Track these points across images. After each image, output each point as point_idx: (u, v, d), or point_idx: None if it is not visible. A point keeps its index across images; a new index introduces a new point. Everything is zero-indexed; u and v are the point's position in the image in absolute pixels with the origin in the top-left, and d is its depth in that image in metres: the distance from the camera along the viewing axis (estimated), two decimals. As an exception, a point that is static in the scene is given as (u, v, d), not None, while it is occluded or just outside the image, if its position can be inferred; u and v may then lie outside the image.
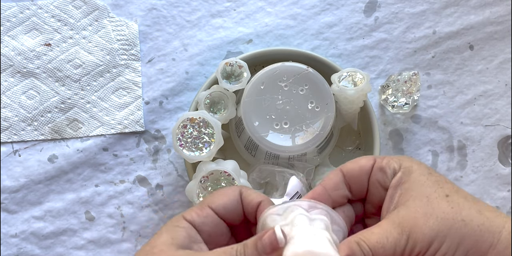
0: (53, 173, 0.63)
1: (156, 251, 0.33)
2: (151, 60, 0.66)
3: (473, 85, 0.66)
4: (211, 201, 0.36)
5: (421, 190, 0.33)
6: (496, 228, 0.32)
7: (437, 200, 0.33)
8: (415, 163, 0.35)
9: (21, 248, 0.62)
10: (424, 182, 0.34)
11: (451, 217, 0.32)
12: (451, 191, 0.34)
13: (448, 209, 0.32)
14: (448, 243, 0.32)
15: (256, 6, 0.67)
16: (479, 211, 0.33)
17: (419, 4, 0.67)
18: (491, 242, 0.32)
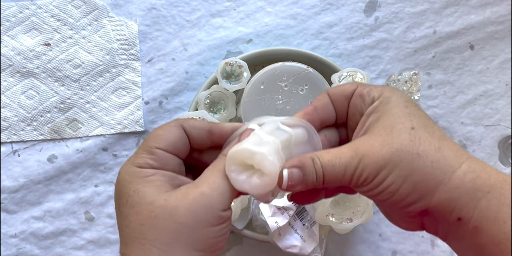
0: (52, 173, 0.63)
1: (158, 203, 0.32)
2: (150, 60, 0.65)
3: (473, 85, 0.66)
4: (157, 143, 0.34)
5: (389, 120, 0.33)
6: (450, 167, 0.31)
7: (400, 131, 0.32)
8: (396, 94, 0.35)
9: (20, 248, 0.62)
10: (396, 113, 0.33)
11: (406, 149, 0.32)
12: (419, 124, 0.33)
13: (407, 141, 0.32)
14: (396, 173, 0.32)
15: (256, 5, 0.66)
16: (439, 148, 0.32)
17: (420, 4, 0.67)
18: (441, 179, 0.31)
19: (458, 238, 0.32)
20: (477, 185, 0.30)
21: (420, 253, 0.64)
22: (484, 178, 0.31)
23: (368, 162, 0.32)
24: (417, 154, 0.32)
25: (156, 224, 0.31)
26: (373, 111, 0.34)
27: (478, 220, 0.30)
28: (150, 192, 0.32)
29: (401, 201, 0.32)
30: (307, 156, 0.34)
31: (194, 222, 0.31)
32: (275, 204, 0.53)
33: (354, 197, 0.54)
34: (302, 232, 0.55)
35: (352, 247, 0.64)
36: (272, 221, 0.53)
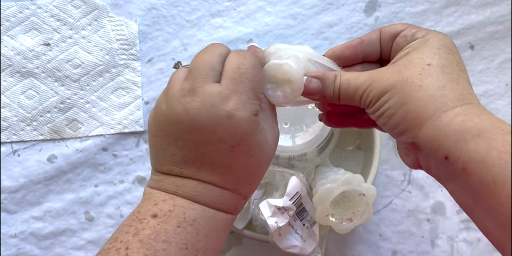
0: (52, 173, 0.63)
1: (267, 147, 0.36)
2: (150, 60, 0.65)
3: (473, 85, 0.66)
4: (260, 87, 0.36)
5: (414, 56, 0.34)
6: (443, 106, 0.32)
7: (416, 64, 0.34)
8: (438, 37, 0.35)
9: (20, 248, 0.62)
10: (424, 51, 0.34)
11: (411, 80, 0.33)
12: (437, 63, 0.34)
13: (415, 74, 0.33)
14: (394, 99, 0.33)
15: (256, 5, 0.66)
16: (443, 87, 0.32)
17: (420, 4, 0.67)
18: (430, 115, 0.32)
19: (449, 179, 0.32)
20: (466, 127, 0.30)
21: (420, 253, 0.64)
22: (475, 122, 0.31)
23: (376, 86, 0.34)
24: (419, 86, 0.32)
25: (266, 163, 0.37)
26: (408, 47, 0.36)
27: (466, 161, 0.30)
28: (266, 144, 0.36)
29: (394, 129, 0.34)
30: (331, 72, 0.37)
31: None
32: (275, 204, 0.53)
33: (354, 197, 0.54)
34: (302, 232, 0.55)
35: (352, 247, 0.64)
36: (272, 221, 0.53)
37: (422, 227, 0.64)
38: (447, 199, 0.64)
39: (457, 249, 0.64)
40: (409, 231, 0.64)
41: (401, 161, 0.39)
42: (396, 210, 0.64)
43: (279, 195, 0.55)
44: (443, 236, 0.64)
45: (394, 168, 0.64)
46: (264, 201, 0.54)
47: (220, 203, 0.34)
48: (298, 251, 0.55)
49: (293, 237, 0.55)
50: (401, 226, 0.64)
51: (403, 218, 0.64)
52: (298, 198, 0.54)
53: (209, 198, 0.34)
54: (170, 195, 0.34)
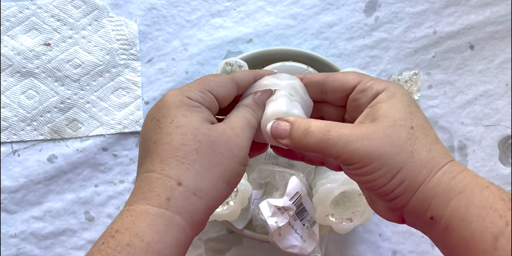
0: (52, 173, 0.63)
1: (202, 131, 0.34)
2: (150, 60, 0.65)
3: (473, 85, 0.66)
4: (211, 88, 0.37)
5: (392, 114, 0.35)
6: (433, 167, 0.34)
7: (400, 127, 0.35)
8: (401, 91, 0.37)
9: (20, 248, 0.62)
10: (399, 109, 0.36)
11: (403, 146, 0.34)
12: (417, 125, 0.35)
13: (404, 138, 0.34)
14: (389, 167, 0.34)
15: (256, 5, 0.66)
16: (429, 150, 0.34)
17: (420, 4, 0.67)
18: (425, 178, 0.33)
19: (433, 236, 0.34)
20: (451, 186, 0.32)
21: (420, 253, 0.64)
22: (458, 180, 0.32)
23: (363, 149, 0.34)
24: (411, 152, 0.34)
25: (198, 148, 0.34)
26: (379, 102, 0.36)
27: (448, 219, 0.32)
28: (196, 119, 0.35)
29: (387, 194, 0.34)
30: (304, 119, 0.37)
31: (230, 156, 0.35)
32: (275, 204, 0.53)
33: (354, 197, 0.54)
34: (302, 232, 0.55)
35: (352, 247, 0.64)
36: (272, 221, 0.53)
37: (422, 227, 0.64)
38: (447, 199, 0.65)
39: (457, 249, 0.64)
40: (409, 231, 0.64)
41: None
42: (396, 210, 0.64)
43: (279, 195, 0.55)
44: (443, 236, 0.64)
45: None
46: (264, 201, 0.54)
47: (153, 191, 0.33)
48: (298, 251, 0.55)
49: (293, 237, 0.55)
50: (401, 226, 0.64)
51: (403, 218, 0.64)
52: (298, 198, 0.54)
53: (140, 189, 0.34)
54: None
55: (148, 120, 0.36)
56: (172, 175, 0.33)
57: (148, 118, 0.36)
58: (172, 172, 0.33)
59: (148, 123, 0.36)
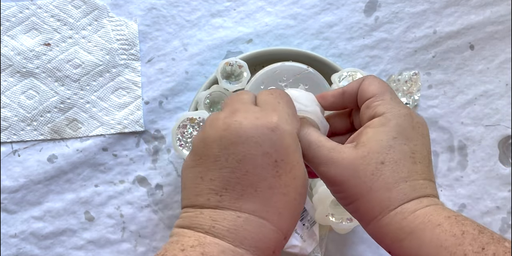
0: (52, 173, 0.63)
1: (306, 183, 0.34)
2: (150, 60, 0.65)
3: (473, 85, 0.66)
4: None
5: (370, 144, 0.36)
6: (387, 207, 0.35)
7: (371, 160, 0.36)
8: (397, 120, 0.37)
9: (20, 248, 0.62)
10: (380, 140, 0.36)
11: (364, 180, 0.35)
12: (390, 160, 0.36)
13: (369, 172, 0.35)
14: (346, 194, 0.36)
15: (256, 5, 0.66)
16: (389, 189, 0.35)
17: (420, 4, 0.67)
18: (376, 215, 0.35)
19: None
20: (402, 226, 0.34)
21: (420, 253, 0.64)
22: (409, 220, 0.34)
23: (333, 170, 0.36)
24: (370, 187, 0.35)
25: (301, 202, 0.34)
26: (369, 126, 0.37)
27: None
28: (303, 169, 0.34)
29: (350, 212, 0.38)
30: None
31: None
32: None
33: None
34: (302, 232, 0.55)
35: (352, 247, 0.64)
36: (272, 221, 0.53)
37: (422, 227, 0.64)
38: (446, 199, 0.65)
39: (457, 249, 0.64)
40: (409, 231, 0.64)
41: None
42: (396, 210, 0.64)
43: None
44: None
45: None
46: (264, 201, 0.54)
47: (259, 240, 0.32)
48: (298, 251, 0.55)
49: (293, 237, 0.55)
50: (401, 226, 0.64)
51: (403, 218, 0.64)
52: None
53: (247, 233, 0.31)
54: (202, 236, 0.31)
55: (258, 151, 0.32)
56: (284, 229, 0.33)
57: (257, 147, 0.32)
58: (284, 226, 0.33)
59: (259, 156, 0.32)
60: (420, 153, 0.37)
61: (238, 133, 0.32)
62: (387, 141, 0.36)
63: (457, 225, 0.33)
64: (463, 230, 0.32)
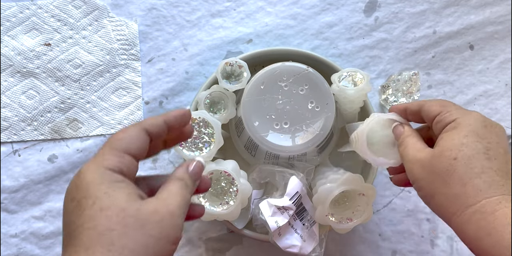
0: (53, 173, 0.63)
1: (130, 212, 0.31)
2: (151, 60, 0.66)
3: (473, 85, 0.66)
4: (125, 148, 0.34)
5: (443, 144, 0.40)
6: (463, 203, 0.37)
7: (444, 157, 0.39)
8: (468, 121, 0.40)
9: (21, 248, 0.62)
10: (452, 139, 0.39)
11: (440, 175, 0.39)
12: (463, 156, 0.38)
13: (443, 168, 0.39)
14: (425, 191, 0.40)
15: (256, 6, 0.67)
16: (464, 184, 0.37)
17: (419, 4, 0.67)
18: (455, 211, 0.37)
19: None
20: (480, 226, 0.35)
21: (420, 252, 0.64)
22: (487, 221, 0.35)
23: (415, 170, 0.41)
24: (445, 182, 0.38)
25: (127, 232, 0.31)
26: (443, 131, 0.41)
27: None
28: (121, 198, 0.32)
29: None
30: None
31: (162, 237, 0.32)
32: (275, 204, 0.53)
33: (354, 197, 0.54)
34: (302, 231, 0.55)
35: (352, 246, 0.64)
36: (272, 220, 0.53)
37: (422, 227, 0.64)
38: (446, 199, 0.65)
39: (456, 248, 0.64)
40: (409, 230, 0.64)
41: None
42: (396, 210, 0.64)
43: (279, 195, 0.55)
44: (442, 236, 0.64)
45: (393, 168, 0.64)
46: (264, 201, 0.54)
47: None
48: (298, 251, 0.55)
49: (293, 237, 0.55)
50: (401, 226, 0.64)
51: (403, 218, 0.64)
52: (298, 198, 0.54)
53: None
54: None
55: (67, 201, 0.33)
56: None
57: (67, 198, 0.33)
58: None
59: (68, 204, 0.32)
60: (495, 150, 0.39)
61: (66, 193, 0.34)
62: (459, 139, 0.39)
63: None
64: None
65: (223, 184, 0.53)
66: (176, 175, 0.36)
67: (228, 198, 0.52)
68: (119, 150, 0.34)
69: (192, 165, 0.37)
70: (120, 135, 0.35)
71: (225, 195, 0.52)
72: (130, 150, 0.34)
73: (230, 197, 0.52)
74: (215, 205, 0.52)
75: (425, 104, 0.44)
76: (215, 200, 0.53)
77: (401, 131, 0.45)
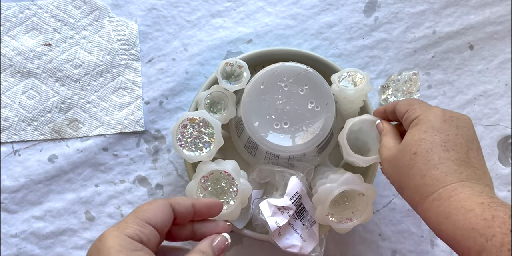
0: (53, 173, 0.63)
1: None
2: (151, 60, 0.66)
3: (473, 85, 0.66)
4: (148, 218, 0.37)
5: (405, 140, 0.44)
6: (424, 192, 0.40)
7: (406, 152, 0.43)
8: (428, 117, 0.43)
9: (21, 248, 0.62)
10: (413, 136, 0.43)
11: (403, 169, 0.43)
12: (421, 150, 0.42)
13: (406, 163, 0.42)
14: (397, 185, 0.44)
15: (256, 6, 0.67)
16: (423, 176, 0.41)
17: (419, 4, 0.67)
18: (418, 200, 0.41)
19: None
20: (439, 211, 0.39)
21: (419, 252, 0.64)
22: (445, 206, 0.38)
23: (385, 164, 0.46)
24: (408, 176, 0.42)
25: None
26: (408, 128, 0.45)
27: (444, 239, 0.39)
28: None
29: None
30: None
31: None
32: (275, 204, 0.53)
33: (353, 197, 0.54)
34: (302, 231, 0.55)
35: (352, 246, 0.64)
36: (272, 220, 0.53)
37: (422, 227, 0.64)
38: (446, 199, 0.65)
39: (456, 248, 0.64)
40: (409, 230, 0.64)
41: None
42: (396, 210, 0.64)
43: (279, 195, 0.55)
44: (442, 236, 0.64)
45: (393, 168, 0.64)
46: (264, 201, 0.54)
47: None
48: (298, 251, 0.55)
49: (293, 237, 0.55)
50: (401, 226, 0.64)
51: (403, 218, 0.64)
52: (298, 198, 0.54)
53: None
54: None
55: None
56: None
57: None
58: None
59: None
60: (453, 142, 0.42)
61: None
62: (419, 135, 0.43)
63: (489, 211, 0.36)
64: (493, 214, 0.35)
65: (223, 184, 0.53)
66: (199, 247, 0.38)
67: (228, 198, 0.52)
68: (142, 219, 0.37)
69: (216, 240, 0.40)
70: (146, 206, 0.38)
71: (225, 195, 0.53)
72: (152, 221, 0.37)
73: (230, 197, 0.52)
74: (215, 205, 0.52)
75: (397, 104, 0.48)
76: (215, 200, 0.53)
77: (381, 127, 0.50)
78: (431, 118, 0.43)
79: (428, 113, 0.44)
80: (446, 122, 0.43)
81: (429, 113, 0.44)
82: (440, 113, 0.44)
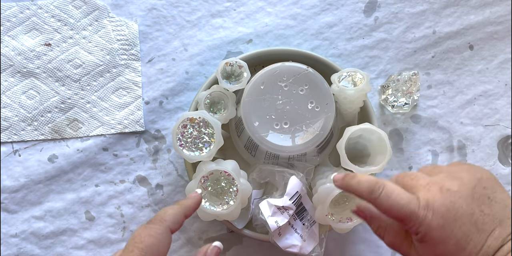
0: (53, 173, 0.63)
1: None
2: (151, 60, 0.66)
3: (473, 85, 0.67)
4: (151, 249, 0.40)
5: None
6: None
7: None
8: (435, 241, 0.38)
9: (21, 248, 0.62)
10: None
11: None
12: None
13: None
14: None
15: (256, 6, 0.67)
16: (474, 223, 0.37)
17: (419, 4, 0.67)
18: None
19: None
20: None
21: (419, 252, 0.64)
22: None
23: None
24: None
25: None
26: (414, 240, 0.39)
27: None
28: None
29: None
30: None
31: None
32: (275, 204, 0.54)
33: (353, 197, 0.54)
34: (302, 231, 0.55)
35: (352, 246, 0.64)
36: (272, 220, 0.53)
37: (422, 227, 0.64)
38: (446, 199, 0.65)
39: (456, 248, 0.64)
40: (409, 230, 0.64)
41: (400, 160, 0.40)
42: (396, 210, 0.64)
43: (279, 195, 0.55)
44: (442, 236, 0.64)
45: (393, 168, 0.64)
46: (264, 201, 0.54)
47: None
48: (298, 251, 0.55)
49: (293, 237, 0.55)
50: (401, 226, 0.64)
51: (403, 218, 0.64)
52: (298, 198, 0.54)
53: None
54: None
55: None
56: None
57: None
58: None
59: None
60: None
61: None
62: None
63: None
64: None
65: (223, 184, 0.53)
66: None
67: (228, 198, 0.52)
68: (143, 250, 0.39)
69: (209, 249, 0.43)
70: (148, 238, 0.40)
71: (225, 195, 0.53)
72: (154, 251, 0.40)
73: (230, 197, 0.52)
74: (215, 205, 0.52)
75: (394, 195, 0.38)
76: (215, 200, 0.53)
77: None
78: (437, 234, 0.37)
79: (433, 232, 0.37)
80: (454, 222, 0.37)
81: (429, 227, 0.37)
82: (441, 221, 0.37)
